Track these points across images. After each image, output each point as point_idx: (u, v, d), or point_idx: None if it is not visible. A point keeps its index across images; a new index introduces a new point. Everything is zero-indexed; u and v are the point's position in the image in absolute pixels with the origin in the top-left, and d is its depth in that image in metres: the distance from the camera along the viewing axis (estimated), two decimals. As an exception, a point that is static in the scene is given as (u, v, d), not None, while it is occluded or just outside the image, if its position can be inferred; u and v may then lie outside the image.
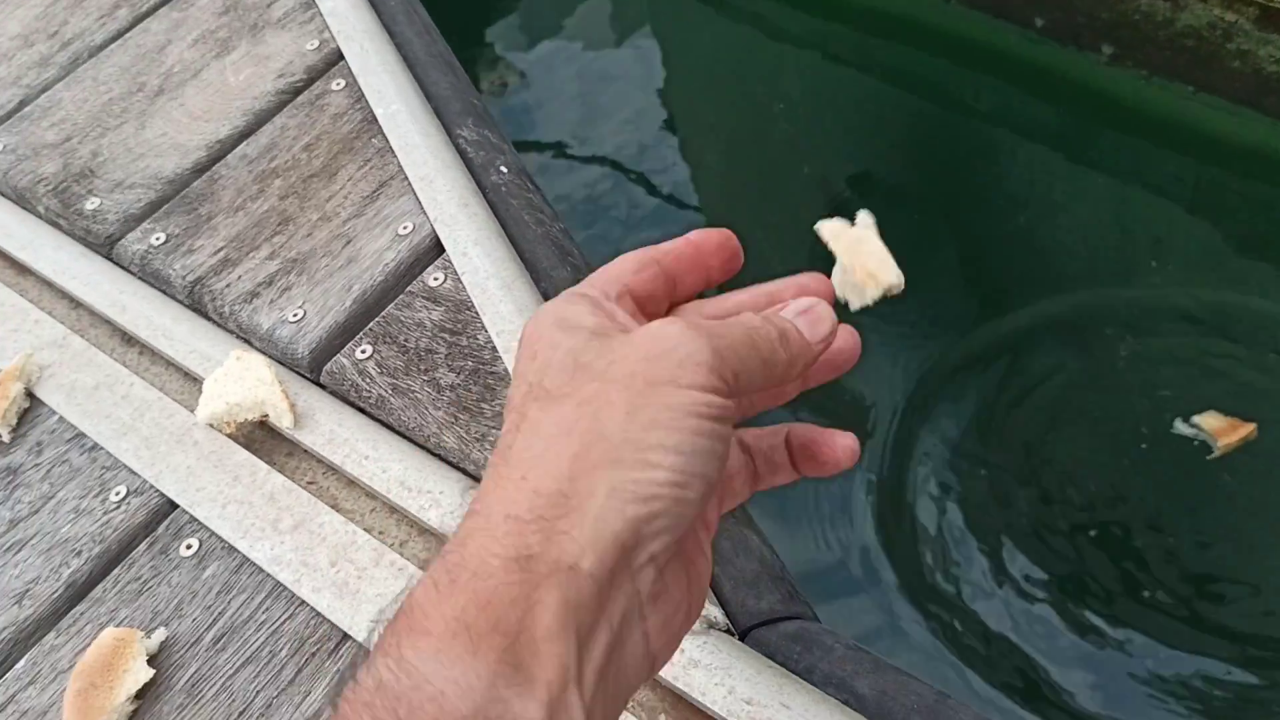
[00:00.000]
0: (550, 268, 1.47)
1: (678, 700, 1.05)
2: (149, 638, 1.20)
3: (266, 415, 1.34)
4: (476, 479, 1.25)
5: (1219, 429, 2.04)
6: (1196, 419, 2.08)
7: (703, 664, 1.04)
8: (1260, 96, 2.47)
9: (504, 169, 1.64)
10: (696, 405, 0.49)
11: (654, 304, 0.58)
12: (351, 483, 1.30)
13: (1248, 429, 2.02)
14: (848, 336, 0.63)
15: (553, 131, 3.35)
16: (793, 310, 0.58)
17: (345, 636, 1.17)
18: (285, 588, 1.22)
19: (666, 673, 1.04)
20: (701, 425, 0.49)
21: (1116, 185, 2.61)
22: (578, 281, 1.46)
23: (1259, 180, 2.50)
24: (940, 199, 2.78)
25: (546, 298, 1.43)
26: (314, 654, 1.17)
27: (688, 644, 1.05)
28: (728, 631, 1.08)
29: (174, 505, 1.32)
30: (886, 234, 0.65)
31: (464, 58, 3.68)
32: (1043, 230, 2.59)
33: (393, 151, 1.64)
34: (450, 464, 1.28)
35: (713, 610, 1.08)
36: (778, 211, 2.87)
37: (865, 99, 3.07)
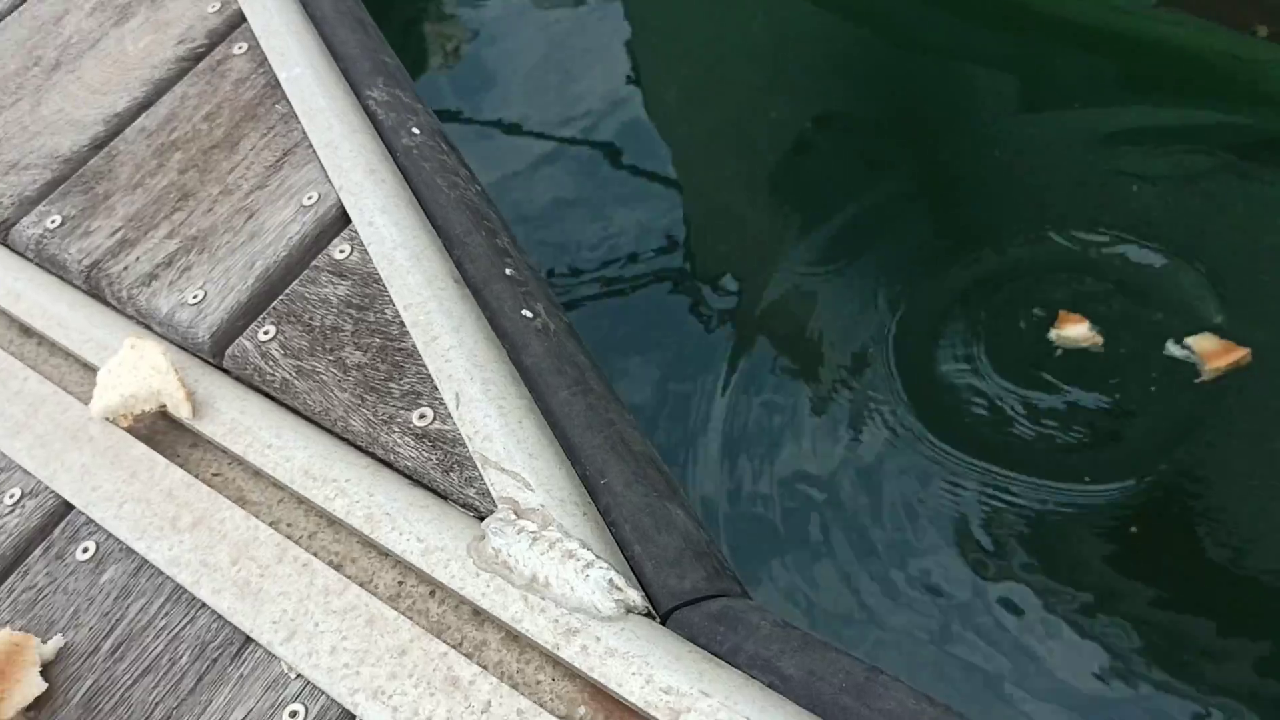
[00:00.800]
0: (463, 233, 1.39)
1: (596, 691, 0.99)
2: (44, 644, 1.13)
3: (164, 405, 1.27)
4: (386, 464, 1.18)
5: (1210, 352, 1.99)
6: (1190, 340, 2.02)
7: (619, 652, 0.97)
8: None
9: (416, 130, 1.55)
10: None
11: None
12: (258, 473, 1.23)
13: (1240, 353, 1.96)
14: None
15: (510, 94, 3.24)
16: None
17: (248, 640, 1.10)
18: (185, 590, 1.15)
19: (583, 662, 0.98)
20: None
21: (1087, 117, 2.53)
22: (493, 247, 1.39)
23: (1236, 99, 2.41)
24: (902, 134, 2.70)
25: (460, 265, 1.36)
26: (215, 660, 1.10)
27: (604, 631, 0.99)
28: (648, 615, 1.02)
29: (69, 506, 1.25)
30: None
31: (408, 16, 3.56)
32: (1012, 162, 2.51)
33: (296, 117, 1.55)
34: (358, 448, 1.21)
35: (632, 594, 1.01)
36: (745, 159, 2.79)
37: (829, 38, 2.97)
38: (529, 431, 1.14)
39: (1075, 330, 2.11)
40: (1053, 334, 2.14)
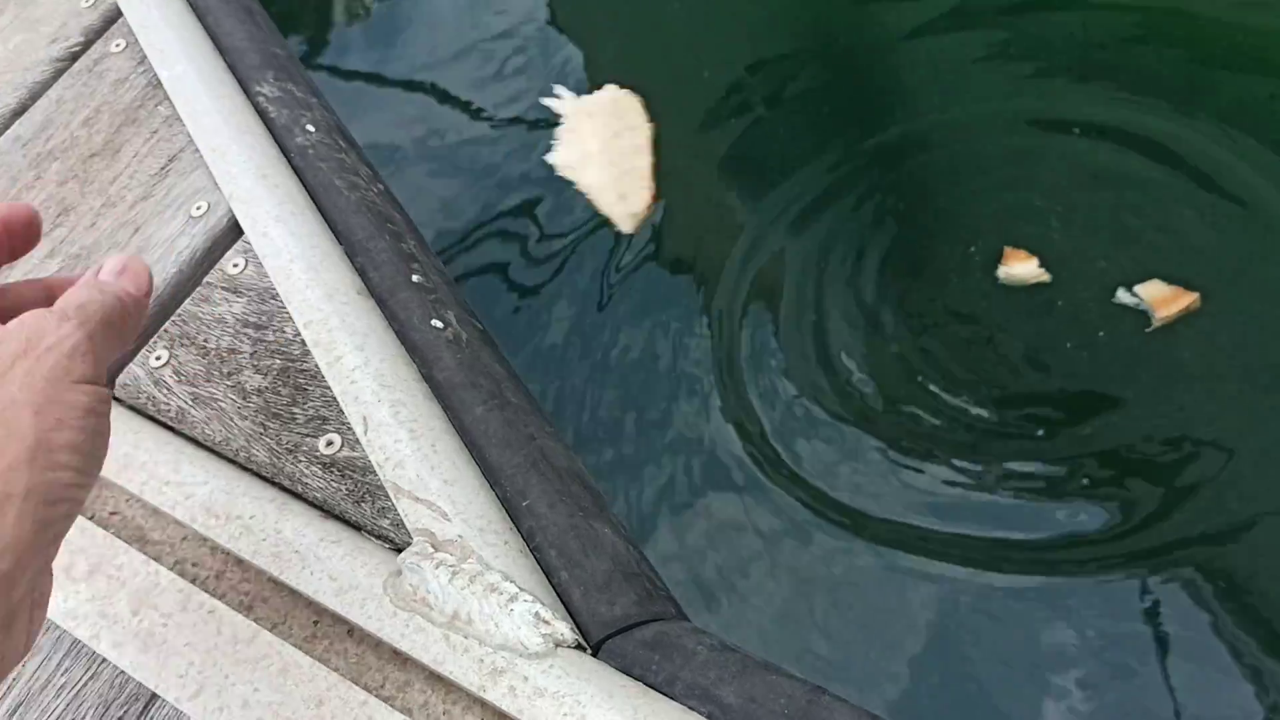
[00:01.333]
0: (366, 239, 1.31)
1: (528, 732, 0.94)
2: (-64, 716, 1.06)
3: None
4: (294, 495, 1.11)
5: (1159, 298, 1.97)
6: (1138, 288, 2.01)
7: (549, 692, 0.92)
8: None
9: (311, 128, 1.46)
10: (93, 403, 0.58)
11: None
12: (157, 510, 1.15)
13: (1189, 299, 1.95)
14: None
15: (428, 51, 3.11)
16: (110, 272, 0.69)
17: (154, 696, 1.03)
18: (84, 644, 1.07)
19: (511, 704, 0.93)
20: (100, 423, 0.59)
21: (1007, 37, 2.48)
22: (398, 252, 1.32)
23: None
24: (842, 85, 2.64)
25: (363, 274, 1.28)
26: (120, 718, 1.03)
27: (532, 670, 0.93)
28: (579, 648, 0.97)
29: (-46, 558, 1.16)
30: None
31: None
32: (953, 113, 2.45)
33: (180, 119, 1.45)
34: (264, 479, 1.13)
35: (560, 626, 0.96)
36: (678, 113, 2.71)
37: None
38: (444, 455, 1.08)
39: (1023, 268, 2.08)
40: (1000, 272, 2.11)
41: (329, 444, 1.12)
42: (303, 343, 1.20)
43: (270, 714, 0.98)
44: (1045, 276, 2.06)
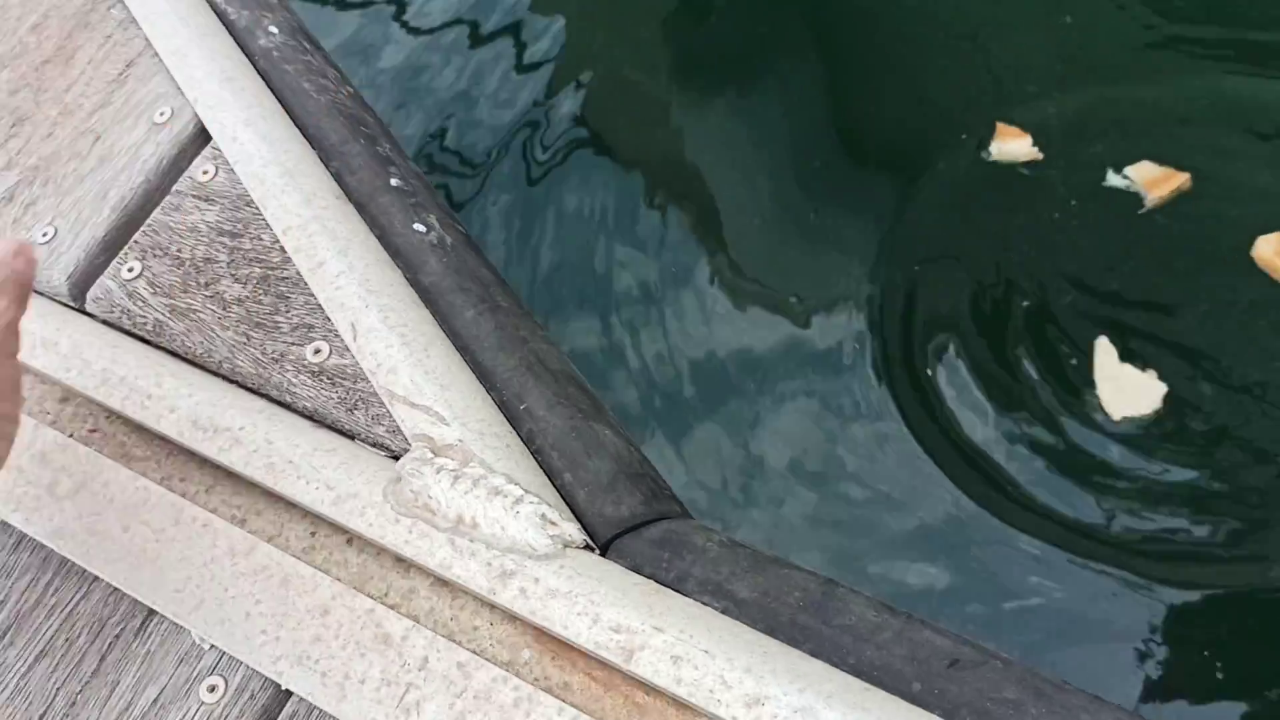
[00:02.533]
0: (340, 142, 1.26)
1: (540, 634, 0.93)
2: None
3: None
4: (282, 405, 1.08)
5: (1151, 180, 1.97)
6: (1129, 170, 2.00)
7: (561, 592, 0.91)
8: None
9: (274, 30, 1.40)
10: (19, 376, 0.76)
11: None
12: (141, 426, 1.12)
13: (1180, 179, 1.95)
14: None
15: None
16: (8, 253, 0.80)
17: (151, 612, 1.01)
18: (73, 563, 1.04)
19: (523, 606, 0.91)
20: (20, 396, 0.74)
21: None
22: (374, 155, 1.30)
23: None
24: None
25: (339, 178, 1.24)
26: (117, 636, 1.01)
27: (543, 571, 0.92)
28: (587, 548, 0.96)
29: (-72, 481, 1.12)
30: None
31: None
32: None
33: (135, 22, 1.39)
34: (249, 391, 1.10)
35: (567, 527, 0.95)
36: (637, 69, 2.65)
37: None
38: (437, 359, 1.06)
39: (1016, 145, 2.06)
40: (993, 147, 2.09)
41: (316, 352, 1.08)
42: (282, 250, 1.16)
43: (274, 625, 0.96)
44: (1038, 155, 2.04)
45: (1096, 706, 0.80)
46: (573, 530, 0.95)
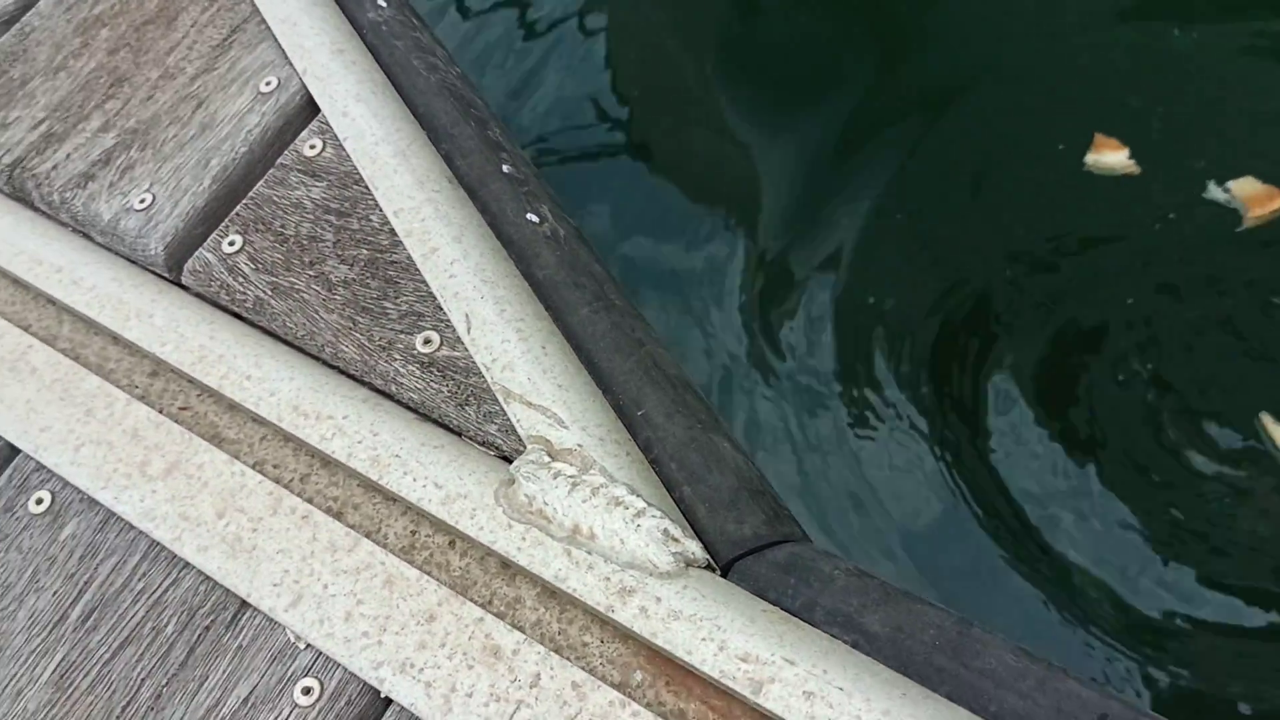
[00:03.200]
0: (450, 124, 1.22)
1: (653, 655, 0.88)
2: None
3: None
4: (386, 395, 1.04)
5: (1253, 196, 1.87)
6: (1231, 184, 1.90)
7: (685, 614, 0.86)
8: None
9: (382, 3, 1.35)
10: None
11: None
12: (234, 405, 1.07)
13: None
14: None
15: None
16: None
17: (244, 604, 0.97)
18: (164, 547, 1.00)
19: (644, 626, 0.86)
20: None
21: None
22: (485, 140, 1.23)
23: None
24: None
25: (450, 162, 1.19)
26: (207, 627, 0.96)
27: (665, 591, 0.87)
28: (709, 568, 0.90)
29: (15, 450, 1.09)
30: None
31: None
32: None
33: (243, -13, 1.34)
34: (353, 378, 1.06)
35: (690, 545, 0.90)
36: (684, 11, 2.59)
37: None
38: (554, 358, 1.01)
39: (1113, 157, 1.97)
40: (1089, 159, 2.01)
41: (426, 342, 1.04)
42: (392, 232, 1.11)
43: (376, 628, 0.91)
44: (1135, 169, 1.95)
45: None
46: (695, 548, 0.90)
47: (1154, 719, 0.82)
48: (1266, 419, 1.72)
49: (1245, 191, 1.87)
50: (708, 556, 0.91)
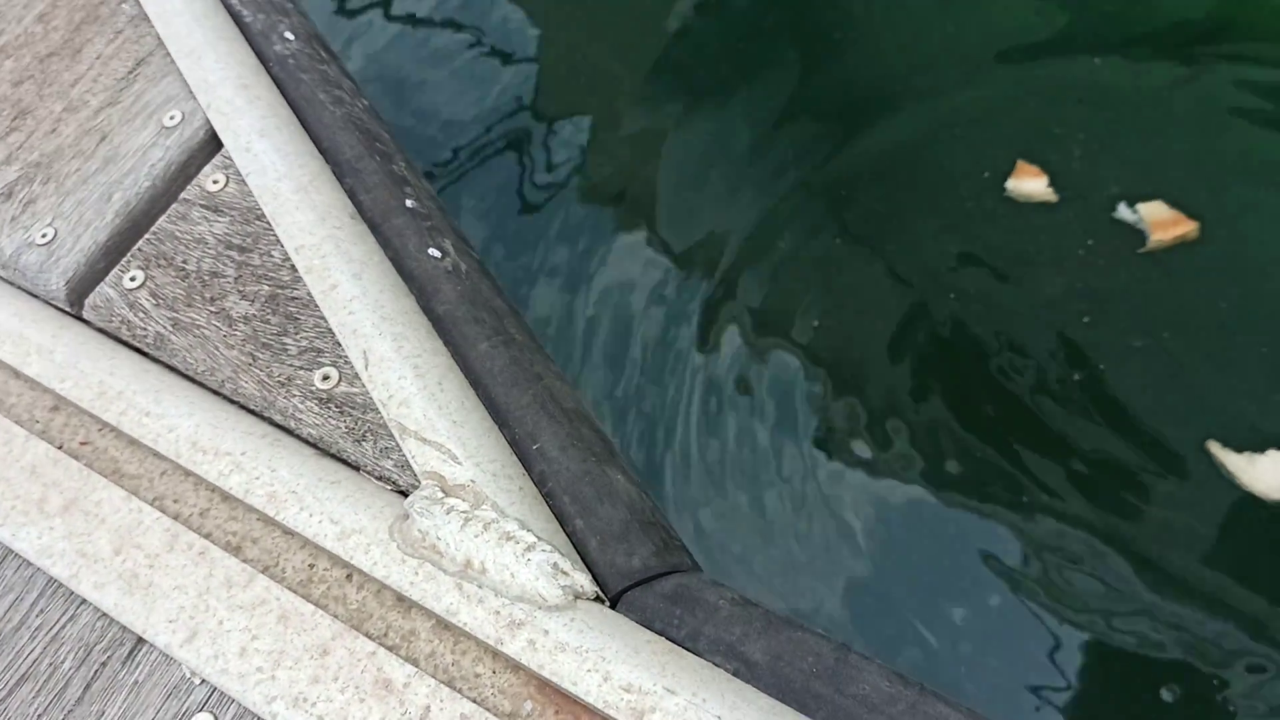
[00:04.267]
0: (355, 159, 1.23)
1: (543, 685, 0.90)
2: (-105, 657, 0.99)
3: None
4: (286, 430, 1.05)
5: (1159, 221, 1.93)
6: (1141, 206, 1.96)
7: (571, 646, 0.89)
8: None
9: (290, 35, 1.37)
10: None
11: None
12: (134, 441, 1.08)
13: (1188, 227, 1.91)
14: None
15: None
16: None
17: (140, 640, 0.97)
18: (61, 584, 1.01)
19: (531, 658, 0.89)
20: None
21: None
22: (390, 174, 1.22)
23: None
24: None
25: (353, 196, 1.21)
26: (104, 663, 0.97)
27: (553, 623, 0.90)
28: (597, 600, 0.93)
29: (-89, 488, 1.08)
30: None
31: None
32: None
33: (148, 19, 1.35)
34: (253, 414, 1.07)
35: (579, 577, 0.92)
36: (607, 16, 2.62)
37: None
38: (450, 394, 1.03)
39: (1033, 184, 2.03)
40: (1009, 184, 2.06)
41: (325, 378, 1.06)
42: (293, 268, 1.12)
43: (270, 663, 0.93)
44: (1053, 196, 2.00)
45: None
46: (584, 581, 0.93)
47: (1017, 739, 0.86)
48: (1214, 446, 1.77)
49: (1152, 215, 1.93)
50: (596, 589, 0.94)
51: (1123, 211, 1.96)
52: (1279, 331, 1.84)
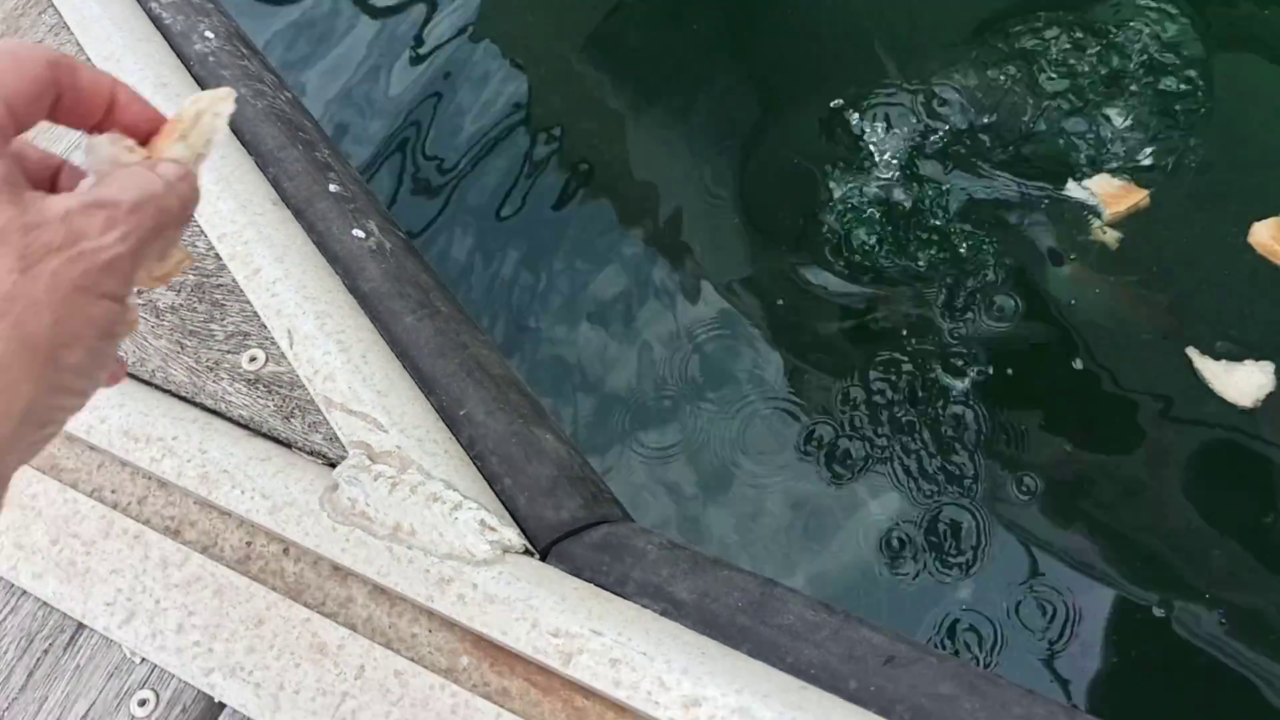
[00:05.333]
0: (277, 148, 1.25)
1: (479, 640, 0.92)
2: None
3: None
4: (217, 414, 1.07)
5: (1110, 194, 1.95)
6: (1089, 181, 1.98)
7: (500, 598, 0.90)
8: None
9: (210, 35, 1.38)
10: (111, 323, 0.48)
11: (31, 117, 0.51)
12: (70, 435, 1.10)
13: (1139, 195, 1.93)
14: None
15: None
16: (174, 173, 0.52)
17: (81, 626, 0.99)
18: (0, 577, 1.02)
19: (461, 612, 0.90)
20: (109, 346, 0.49)
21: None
22: (312, 161, 1.20)
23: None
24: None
25: (276, 184, 1.22)
26: (46, 650, 0.98)
27: (481, 577, 0.91)
28: (526, 553, 0.95)
29: None
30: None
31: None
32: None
33: (68, 27, 1.36)
34: (184, 400, 1.08)
35: (507, 532, 0.94)
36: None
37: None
38: (375, 366, 1.04)
39: None
40: None
41: (252, 360, 1.07)
42: (217, 256, 1.14)
43: (207, 637, 0.94)
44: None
45: (1029, 700, 0.80)
46: (512, 535, 0.95)
47: (940, 656, 0.88)
48: (1193, 353, 1.79)
49: (1103, 189, 1.96)
50: (525, 542, 0.96)
51: (1071, 188, 1.98)
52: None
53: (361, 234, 1.17)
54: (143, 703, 0.94)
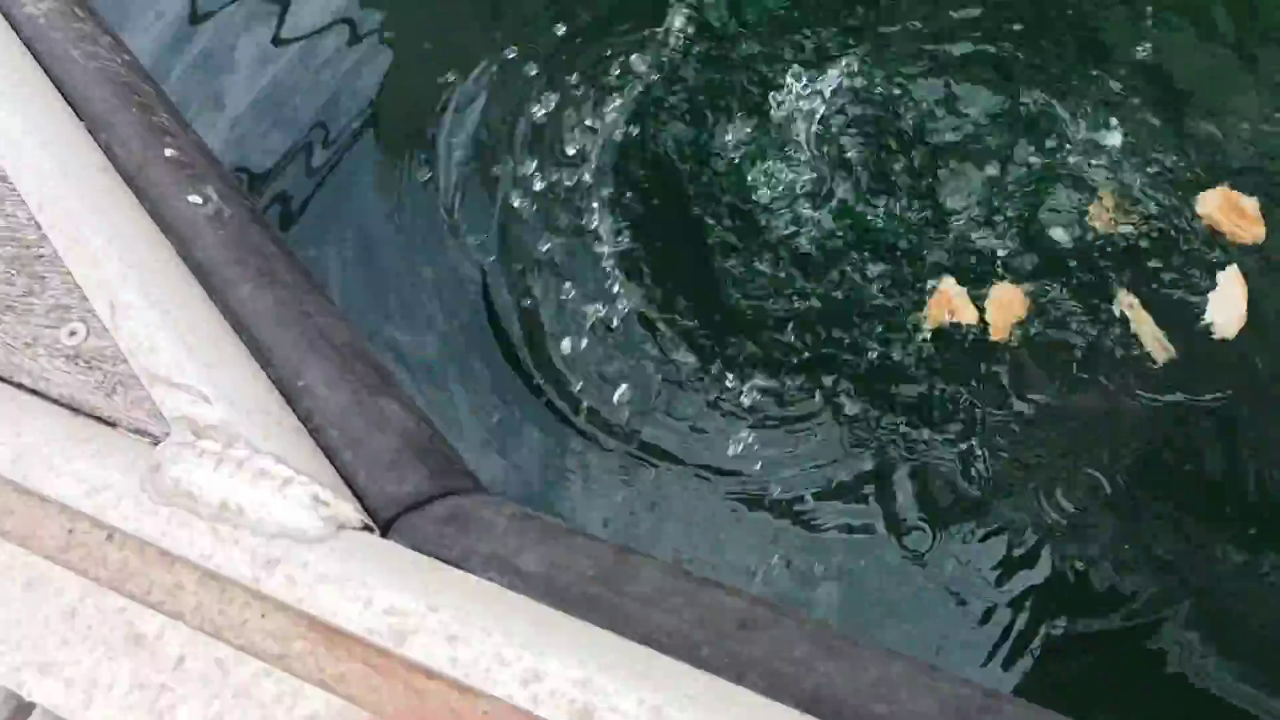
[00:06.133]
0: (108, 111, 1.17)
1: (313, 622, 0.86)
2: None
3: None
4: (35, 392, 0.99)
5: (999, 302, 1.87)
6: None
7: (332, 576, 0.84)
8: None
9: (41, -3, 1.30)
10: None
11: None
12: (-121, 424, 1.01)
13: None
14: None
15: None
16: None
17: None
18: None
19: (290, 594, 0.84)
20: None
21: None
22: (148, 125, 1.16)
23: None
24: None
25: (108, 150, 1.14)
26: None
27: (312, 555, 0.85)
28: (366, 529, 0.89)
29: None
30: None
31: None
32: None
33: (-118, -10, 1.27)
34: None
35: (342, 507, 0.88)
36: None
37: None
38: (204, 337, 0.97)
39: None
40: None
41: (72, 334, 0.99)
42: (38, 226, 1.06)
43: (15, 631, 0.87)
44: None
45: (886, 659, 0.76)
46: (348, 510, 0.88)
47: (800, 619, 0.83)
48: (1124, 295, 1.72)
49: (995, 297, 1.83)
50: (364, 517, 0.90)
51: None
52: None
53: (199, 199, 1.10)
54: (-54, 707, 0.86)
